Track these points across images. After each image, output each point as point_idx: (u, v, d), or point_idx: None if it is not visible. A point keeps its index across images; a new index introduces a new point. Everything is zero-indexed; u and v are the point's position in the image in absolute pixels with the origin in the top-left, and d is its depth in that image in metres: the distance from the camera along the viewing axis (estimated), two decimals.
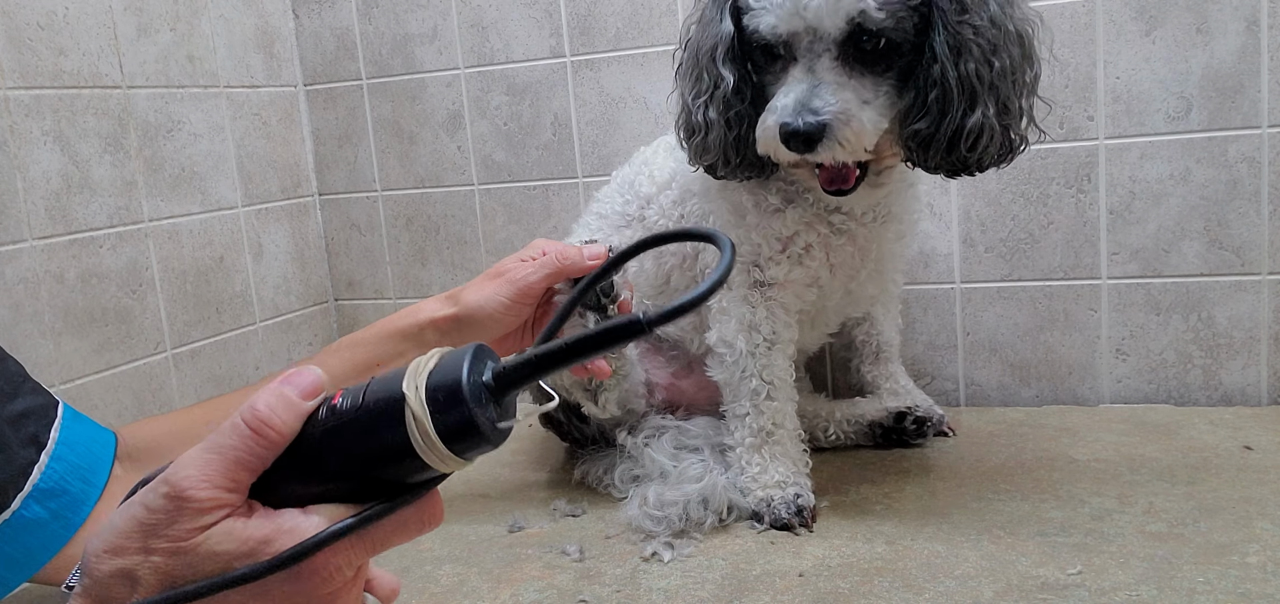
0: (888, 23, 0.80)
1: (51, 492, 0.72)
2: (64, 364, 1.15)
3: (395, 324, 0.86)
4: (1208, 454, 1.01)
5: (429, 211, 1.51)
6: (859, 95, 0.82)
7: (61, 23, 1.16)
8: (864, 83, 0.83)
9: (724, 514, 0.96)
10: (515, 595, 0.86)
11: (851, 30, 0.81)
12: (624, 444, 1.05)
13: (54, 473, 0.72)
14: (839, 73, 0.83)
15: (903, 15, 0.81)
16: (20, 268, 1.11)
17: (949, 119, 0.81)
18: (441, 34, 1.44)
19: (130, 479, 0.78)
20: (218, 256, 1.38)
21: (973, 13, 0.80)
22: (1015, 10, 0.83)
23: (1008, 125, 0.83)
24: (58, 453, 0.73)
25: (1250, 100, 1.11)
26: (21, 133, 1.11)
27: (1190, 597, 0.75)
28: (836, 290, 1.01)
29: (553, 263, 0.86)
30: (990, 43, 0.81)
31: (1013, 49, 0.82)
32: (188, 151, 1.33)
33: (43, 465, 0.72)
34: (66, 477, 0.73)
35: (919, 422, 1.10)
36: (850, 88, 0.82)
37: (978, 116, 0.80)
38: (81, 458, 0.75)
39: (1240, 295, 1.16)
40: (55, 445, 0.73)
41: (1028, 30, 0.83)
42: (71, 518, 0.73)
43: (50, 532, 0.72)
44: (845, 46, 0.82)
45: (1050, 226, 1.21)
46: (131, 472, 0.78)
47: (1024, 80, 0.84)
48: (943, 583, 0.80)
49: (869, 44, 0.82)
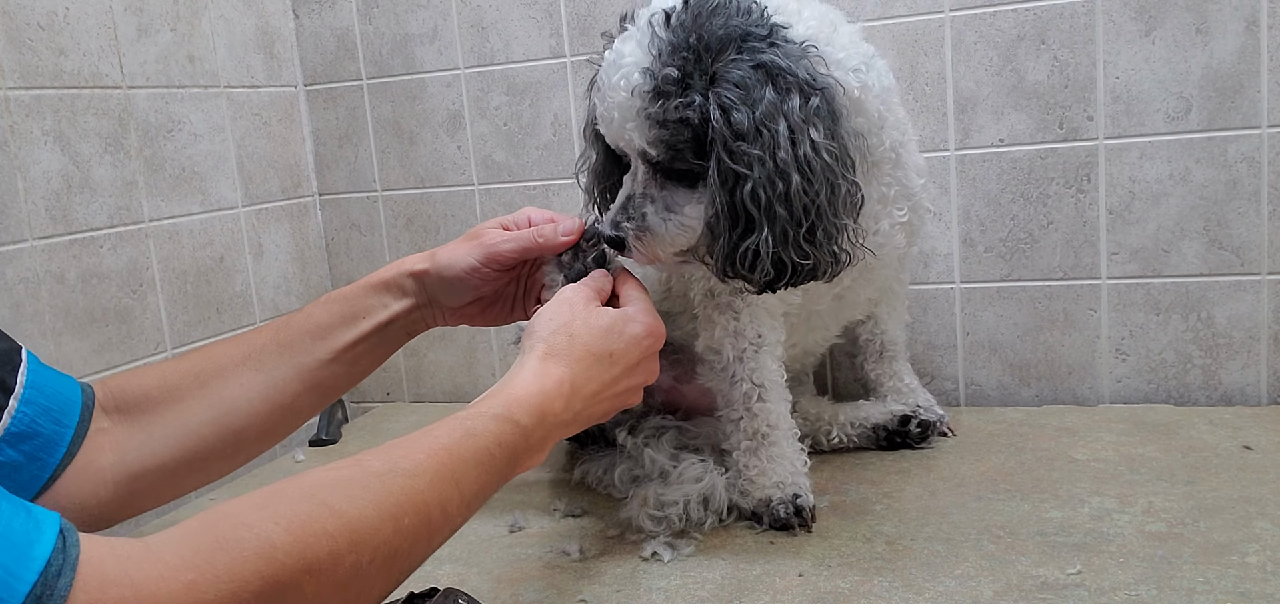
0: (664, 156, 0.83)
1: (23, 435, 0.71)
2: (64, 364, 1.15)
3: (380, 277, 0.88)
4: (1207, 454, 1.01)
5: (429, 212, 1.51)
6: (667, 204, 0.85)
7: (61, 23, 1.16)
8: (675, 193, 0.85)
9: (724, 514, 0.96)
10: (515, 595, 0.86)
11: (644, 157, 0.84)
12: (624, 444, 1.05)
13: (24, 416, 0.71)
14: (652, 184, 0.86)
15: (679, 147, 0.82)
16: (20, 268, 1.11)
17: (722, 241, 0.82)
18: (441, 34, 1.44)
19: (119, 432, 0.77)
20: (218, 257, 1.38)
21: (749, 142, 0.78)
22: (807, 136, 0.79)
23: (803, 249, 0.80)
24: (27, 396, 0.72)
25: (1250, 100, 1.12)
26: (22, 133, 1.11)
27: (1190, 597, 0.75)
28: (825, 295, 1.01)
29: (528, 239, 0.87)
30: (775, 170, 0.78)
31: (794, 176, 0.78)
32: (188, 151, 1.33)
33: (12, 410, 0.70)
34: (37, 418, 0.72)
35: (924, 424, 1.10)
36: (660, 198, 0.86)
37: (753, 240, 0.80)
38: (50, 400, 0.74)
39: (1240, 295, 1.16)
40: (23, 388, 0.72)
41: (825, 158, 0.80)
42: (47, 459, 0.73)
43: (27, 474, 0.72)
44: (650, 165, 0.85)
45: (1050, 226, 1.21)
46: (121, 425, 0.78)
47: (817, 204, 0.80)
48: (943, 583, 0.80)
49: (666, 166, 0.84)
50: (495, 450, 0.65)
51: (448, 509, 0.60)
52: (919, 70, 1.23)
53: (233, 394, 0.81)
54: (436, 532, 0.60)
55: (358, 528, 0.53)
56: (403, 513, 0.57)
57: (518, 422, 0.68)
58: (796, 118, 0.79)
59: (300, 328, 0.84)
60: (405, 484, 0.58)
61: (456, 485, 0.61)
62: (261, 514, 0.51)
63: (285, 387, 0.82)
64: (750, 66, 0.79)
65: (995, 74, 1.20)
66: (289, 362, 0.83)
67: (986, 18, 1.19)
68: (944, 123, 1.23)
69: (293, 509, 0.52)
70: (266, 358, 0.82)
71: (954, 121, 1.22)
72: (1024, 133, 1.20)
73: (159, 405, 0.79)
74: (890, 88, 0.94)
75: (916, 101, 1.23)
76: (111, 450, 0.77)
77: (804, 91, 0.80)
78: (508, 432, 0.67)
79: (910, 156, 0.98)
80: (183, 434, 0.79)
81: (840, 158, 0.81)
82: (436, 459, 0.61)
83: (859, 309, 1.09)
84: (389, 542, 0.55)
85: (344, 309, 0.86)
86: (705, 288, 0.98)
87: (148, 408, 0.79)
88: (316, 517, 0.52)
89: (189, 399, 0.80)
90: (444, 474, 0.60)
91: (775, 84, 0.79)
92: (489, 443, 0.65)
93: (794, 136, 0.79)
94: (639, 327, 0.79)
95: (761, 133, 0.78)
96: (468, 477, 0.62)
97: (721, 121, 0.79)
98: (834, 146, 0.81)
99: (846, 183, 0.82)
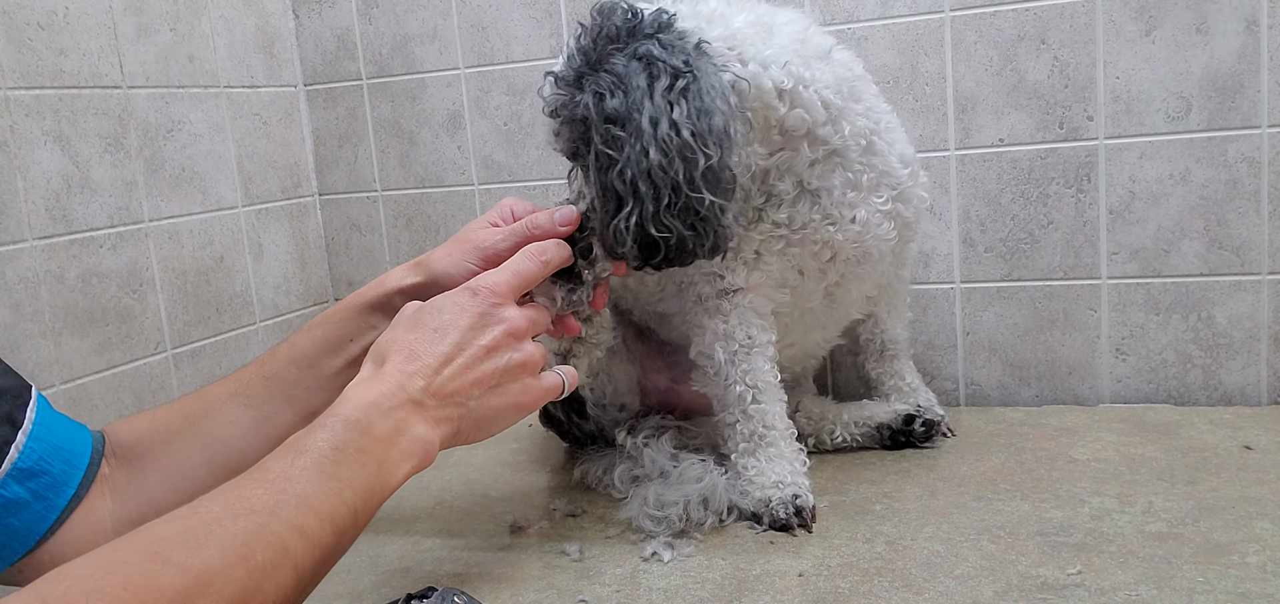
0: (568, 151, 0.90)
1: (31, 471, 0.70)
2: (64, 364, 1.15)
3: (364, 297, 0.85)
4: (1208, 454, 1.01)
5: (429, 211, 1.51)
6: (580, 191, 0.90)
7: (61, 23, 1.16)
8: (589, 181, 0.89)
9: (724, 514, 0.96)
10: (515, 595, 0.86)
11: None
12: (624, 444, 1.05)
13: (33, 452, 0.71)
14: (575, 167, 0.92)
15: (572, 137, 0.88)
16: (20, 268, 1.11)
17: (598, 221, 0.87)
18: (441, 34, 1.44)
19: (117, 478, 0.77)
20: (218, 256, 1.38)
21: (619, 125, 0.83)
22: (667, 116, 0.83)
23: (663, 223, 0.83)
24: (35, 433, 0.71)
25: (1250, 100, 1.12)
26: (22, 133, 1.11)
27: (1190, 597, 0.75)
28: (814, 293, 1.01)
29: (521, 230, 0.86)
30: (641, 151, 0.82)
31: (654, 154, 0.82)
32: (188, 151, 1.33)
33: (20, 445, 0.70)
34: (46, 456, 0.72)
35: (928, 424, 1.10)
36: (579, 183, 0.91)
37: (619, 218, 0.84)
38: (60, 440, 0.73)
39: (1240, 295, 1.16)
40: (32, 424, 0.72)
41: (684, 136, 0.83)
42: (54, 499, 0.72)
43: (33, 512, 0.71)
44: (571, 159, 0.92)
45: (1050, 226, 1.21)
46: (118, 471, 0.77)
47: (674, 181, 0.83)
48: (943, 583, 0.80)
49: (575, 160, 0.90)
50: (333, 453, 0.63)
51: (305, 531, 0.59)
52: (919, 70, 1.23)
53: (223, 432, 0.79)
54: (302, 558, 0.59)
55: (208, 579, 0.53)
56: (252, 551, 0.55)
57: (347, 418, 0.66)
58: (660, 100, 0.83)
59: (286, 358, 0.83)
60: (248, 523, 0.56)
61: (305, 506, 0.60)
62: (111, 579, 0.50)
63: (277, 419, 0.81)
64: (628, 57, 0.84)
65: (995, 74, 1.20)
66: (278, 394, 0.81)
67: (986, 17, 1.19)
68: (944, 122, 1.23)
69: (138, 572, 0.51)
70: (254, 392, 0.81)
71: (954, 121, 1.22)
72: (1024, 133, 1.20)
73: (152, 449, 0.79)
74: (851, 77, 0.96)
75: (916, 101, 1.23)
76: (110, 496, 0.76)
77: (673, 74, 0.84)
78: (340, 431, 0.65)
79: (889, 144, 0.98)
80: (177, 477, 0.78)
81: (701, 136, 0.84)
82: (274, 488, 0.59)
83: (855, 308, 1.08)
84: (245, 584, 0.54)
85: (329, 334, 0.84)
86: (695, 292, 0.99)
87: (142, 452, 0.78)
88: (164, 577, 0.51)
89: (180, 441, 0.79)
90: (287, 500, 0.59)
91: (650, 71, 0.84)
92: (324, 450, 0.63)
93: (655, 117, 0.83)
94: (460, 292, 0.77)
95: (631, 116, 0.83)
96: (313, 492, 0.61)
97: (594, 106, 0.84)
98: (697, 125, 0.83)
99: (706, 158, 0.84)
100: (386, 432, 0.67)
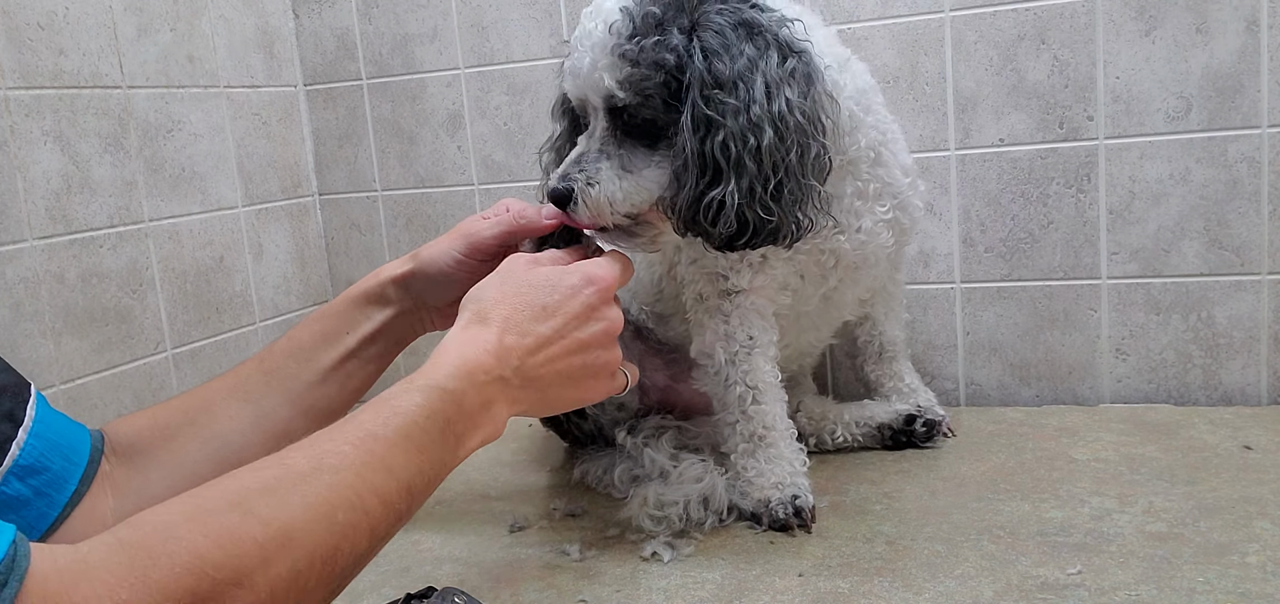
0: (634, 99, 0.82)
1: (32, 468, 0.70)
2: (64, 364, 1.15)
3: (360, 289, 0.86)
4: (1208, 454, 1.01)
5: (429, 211, 1.51)
6: (624, 163, 0.84)
7: (61, 23, 1.16)
8: (635, 152, 0.85)
9: (724, 514, 0.96)
10: (515, 595, 0.86)
11: (610, 104, 0.84)
12: (624, 444, 1.05)
13: (33, 449, 0.70)
14: (609, 141, 0.85)
15: (651, 92, 0.82)
16: (20, 268, 1.11)
17: (687, 190, 0.81)
18: (441, 34, 1.44)
19: (118, 475, 0.77)
20: (218, 256, 1.38)
21: (726, 91, 0.79)
22: (782, 93, 0.80)
23: (768, 206, 0.81)
24: (35, 430, 0.71)
25: (1250, 100, 1.12)
26: (22, 133, 1.11)
27: (1190, 597, 0.75)
28: (812, 296, 1.01)
29: (509, 221, 0.85)
30: (749, 122, 0.79)
31: (768, 131, 0.79)
32: (188, 151, 1.33)
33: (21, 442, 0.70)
34: (47, 453, 0.72)
35: (929, 423, 1.10)
36: (617, 156, 0.85)
37: (718, 191, 0.80)
38: (60, 437, 0.73)
39: (1240, 295, 1.16)
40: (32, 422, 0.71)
41: (798, 116, 0.80)
42: (55, 496, 0.72)
43: (35, 510, 0.71)
44: (614, 117, 0.85)
45: (1050, 226, 1.21)
46: (119, 468, 0.77)
47: (787, 163, 0.81)
48: (943, 583, 0.80)
49: (631, 117, 0.84)
50: (424, 422, 0.63)
51: (385, 496, 0.59)
52: (919, 70, 1.23)
53: (223, 428, 0.79)
54: (378, 522, 0.59)
55: (290, 533, 0.53)
56: (335, 510, 0.56)
57: (443, 387, 0.65)
58: (774, 74, 0.80)
59: (284, 352, 0.83)
60: (333, 481, 0.56)
61: (388, 471, 0.60)
62: (191, 527, 0.50)
63: (276, 414, 0.81)
64: (731, 20, 0.81)
65: (995, 74, 1.20)
66: (276, 389, 0.81)
67: (986, 17, 1.19)
68: (944, 123, 1.23)
69: (221, 522, 0.51)
70: (253, 387, 0.81)
71: (954, 121, 1.22)
72: (1024, 132, 1.20)
73: (153, 447, 0.78)
74: (866, 88, 0.95)
75: (916, 101, 1.23)
76: (112, 494, 0.76)
77: (782, 51, 0.81)
78: (434, 400, 0.64)
79: (894, 155, 0.98)
80: (178, 474, 0.77)
81: (813, 120, 0.82)
82: (362, 448, 0.59)
83: (848, 310, 1.08)
84: (324, 542, 0.55)
85: (326, 328, 0.84)
86: (696, 291, 0.98)
87: (142, 450, 0.78)
88: (245, 528, 0.51)
89: (181, 438, 0.79)
90: (373, 462, 0.59)
91: (754, 40, 0.81)
92: (416, 416, 0.62)
93: (770, 92, 0.80)
94: (575, 276, 0.75)
95: (738, 85, 0.79)
96: (397, 459, 0.60)
97: (703, 65, 0.79)
98: (808, 108, 0.82)
99: (817, 145, 0.83)
100: (474, 407, 0.67)
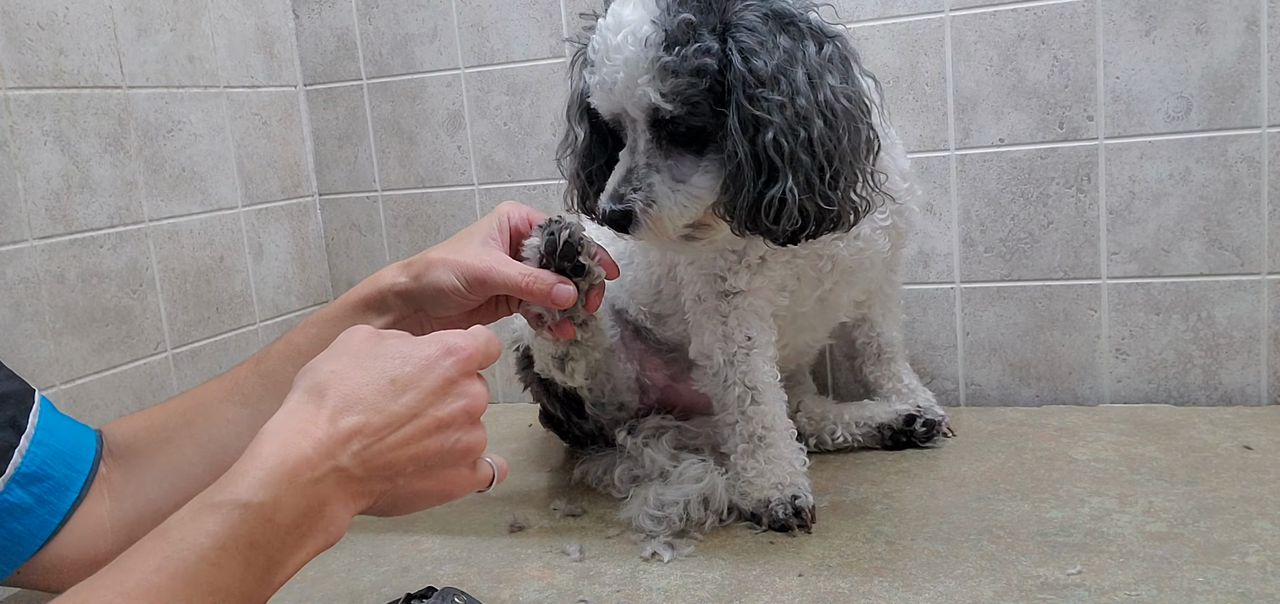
0: (681, 109, 0.80)
1: (34, 476, 0.71)
2: (64, 364, 1.15)
3: (358, 294, 0.84)
4: (1208, 454, 1.01)
5: (429, 211, 1.51)
6: (674, 174, 0.83)
7: (61, 23, 1.16)
8: (682, 162, 0.84)
9: (724, 514, 0.96)
10: (515, 596, 0.86)
11: (653, 116, 0.82)
12: (624, 444, 1.05)
13: (36, 457, 0.71)
14: (655, 153, 0.84)
15: (696, 99, 0.80)
16: (20, 268, 1.11)
17: (745, 192, 0.81)
18: (441, 34, 1.44)
19: (115, 477, 0.77)
20: (218, 256, 1.38)
21: (769, 88, 0.78)
22: (825, 81, 0.79)
23: (827, 196, 0.80)
24: (38, 437, 0.72)
25: (1250, 100, 1.12)
26: (21, 133, 1.11)
27: (1190, 597, 0.75)
28: (808, 298, 1.01)
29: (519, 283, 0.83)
30: (795, 116, 0.78)
31: (817, 122, 0.78)
32: (188, 151, 1.33)
33: (24, 449, 0.70)
34: (49, 461, 0.72)
35: (929, 423, 1.10)
36: (665, 168, 0.83)
37: (777, 189, 0.79)
38: (63, 444, 0.74)
39: (1240, 295, 1.16)
40: (35, 429, 0.72)
41: (843, 102, 0.80)
42: (57, 504, 0.72)
43: (36, 517, 0.71)
44: (656, 129, 0.83)
45: (1050, 226, 1.21)
46: (115, 471, 0.77)
47: (840, 150, 0.80)
48: (943, 583, 0.80)
49: (675, 126, 0.82)
50: (216, 556, 0.52)
51: None
52: (919, 70, 1.23)
53: (220, 431, 0.78)
54: None
55: None
56: None
57: (245, 503, 0.53)
58: (814, 63, 0.79)
59: (281, 355, 0.82)
60: None
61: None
62: None
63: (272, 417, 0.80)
64: (761, 14, 0.79)
65: (995, 74, 1.20)
66: (273, 392, 0.79)
67: (986, 17, 1.19)
68: (944, 123, 1.23)
69: None
70: (249, 390, 0.80)
71: (954, 121, 1.22)
72: (1024, 132, 1.20)
73: (149, 449, 0.78)
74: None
75: (916, 101, 1.23)
76: (109, 497, 0.76)
77: (817, 38, 0.80)
78: (234, 523, 0.53)
79: (892, 159, 0.98)
80: (175, 477, 0.77)
81: (857, 102, 0.82)
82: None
83: (844, 312, 1.08)
84: None
85: (324, 332, 0.81)
86: (694, 292, 0.98)
87: (138, 452, 0.78)
88: None
89: (177, 440, 0.78)
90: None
91: (788, 31, 0.80)
92: (206, 551, 0.52)
93: (812, 82, 0.79)
94: (432, 347, 0.63)
95: (780, 79, 0.78)
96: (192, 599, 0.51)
97: (743, 66, 0.78)
98: (851, 91, 0.81)
99: (866, 126, 0.82)
100: (294, 518, 0.55)
